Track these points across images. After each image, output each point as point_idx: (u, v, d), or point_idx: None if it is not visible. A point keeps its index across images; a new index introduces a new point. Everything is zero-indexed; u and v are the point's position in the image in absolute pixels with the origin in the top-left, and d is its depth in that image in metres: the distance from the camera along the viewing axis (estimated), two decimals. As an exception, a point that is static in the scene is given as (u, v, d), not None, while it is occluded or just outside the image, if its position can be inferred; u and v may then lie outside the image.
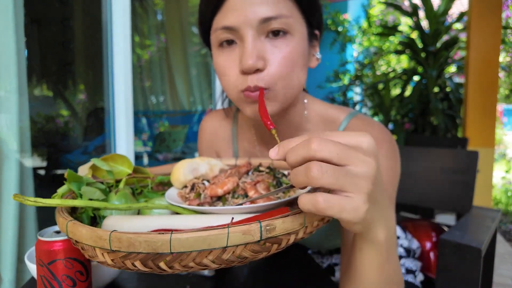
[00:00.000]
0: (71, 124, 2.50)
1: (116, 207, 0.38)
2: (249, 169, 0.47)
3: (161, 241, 0.27)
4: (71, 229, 0.32)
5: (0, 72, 0.97)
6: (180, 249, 0.28)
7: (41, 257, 0.44)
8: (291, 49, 0.46)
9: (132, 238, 0.28)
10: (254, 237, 0.29)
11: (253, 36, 0.45)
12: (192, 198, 0.42)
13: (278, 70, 0.46)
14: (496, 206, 3.34)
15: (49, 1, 2.24)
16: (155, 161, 2.98)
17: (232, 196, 0.41)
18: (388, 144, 0.52)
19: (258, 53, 0.45)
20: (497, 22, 2.54)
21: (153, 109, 3.44)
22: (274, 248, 0.31)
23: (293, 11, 0.46)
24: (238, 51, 0.47)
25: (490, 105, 2.59)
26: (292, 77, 0.47)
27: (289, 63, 0.46)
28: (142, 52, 3.17)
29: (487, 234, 0.76)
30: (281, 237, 0.30)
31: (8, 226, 0.98)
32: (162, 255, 0.28)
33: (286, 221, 0.30)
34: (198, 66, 3.15)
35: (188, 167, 0.46)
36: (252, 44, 0.44)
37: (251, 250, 0.29)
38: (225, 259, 0.29)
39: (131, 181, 0.49)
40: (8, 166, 0.99)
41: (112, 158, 0.48)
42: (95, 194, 0.42)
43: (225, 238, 0.28)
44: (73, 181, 0.43)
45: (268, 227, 0.29)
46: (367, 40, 4.57)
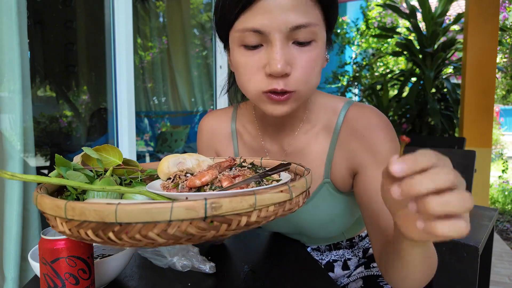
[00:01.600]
0: (74, 124, 2.50)
1: (90, 187, 0.39)
2: (232, 164, 0.48)
3: (108, 210, 0.28)
4: (39, 200, 0.34)
5: (4, 73, 0.97)
6: (125, 220, 0.28)
7: (44, 256, 0.44)
8: (315, 56, 0.48)
9: (84, 207, 0.29)
10: (199, 213, 0.29)
11: (282, 41, 0.46)
12: (170, 188, 0.43)
13: (303, 75, 0.48)
14: (493, 206, 3.36)
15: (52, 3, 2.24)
16: (157, 160, 2.97)
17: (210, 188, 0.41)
18: (388, 127, 0.56)
19: (286, 59, 0.46)
20: (494, 23, 2.56)
21: (155, 110, 3.45)
22: (224, 228, 0.30)
23: (319, 18, 0.48)
24: (263, 54, 0.48)
25: (487, 106, 2.61)
26: (313, 80, 0.50)
27: (312, 68, 0.49)
28: (144, 54, 3.18)
29: (484, 233, 0.77)
30: (230, 217, 0.30)
31: (11, 225, 0.98)
32: (110, 225, 0.29)
33: (234, 200, 0.30)
34: (199, 67, 3.16)
35: (173, 161, 0.47)
36: (281, 50, 0.46)
37: (197, 227, 0.29)
38: (171, 234, 0.29)
39: (121, 171, 0.50)
40: (12, 165, 1.00)
41: (104, 148, 0.49)
42: (80, 178, 0.43)
43: (168, 212, 0.28)
44: (61, 165, 0.44)
45: (213, 204, 0.29)
46: (365, 41, 4.59)
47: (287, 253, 0.69)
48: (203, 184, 0.41)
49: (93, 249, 0.49)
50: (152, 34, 3.17)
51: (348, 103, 0.59)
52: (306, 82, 0.49)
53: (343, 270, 0.75)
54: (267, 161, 0.54)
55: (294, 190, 0.35)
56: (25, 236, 1.05)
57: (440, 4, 3.11)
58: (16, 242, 0.99)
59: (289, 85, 0.48)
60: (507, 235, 2.68)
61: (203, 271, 0.60)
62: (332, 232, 0.68)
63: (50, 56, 2.31)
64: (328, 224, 0.65)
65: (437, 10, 3.12)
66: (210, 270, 0.60)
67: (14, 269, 0.99)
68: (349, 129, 0.57)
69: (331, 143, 0.59)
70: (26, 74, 1.03)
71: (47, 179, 0.38)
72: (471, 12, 2.58)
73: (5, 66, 0.97)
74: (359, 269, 0.74)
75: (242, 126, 0.69)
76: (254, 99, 0.52)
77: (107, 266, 0.54)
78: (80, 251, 0.45)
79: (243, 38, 0.48)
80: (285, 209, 0.34)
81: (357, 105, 0.59)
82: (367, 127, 0.55)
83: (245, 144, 0.68)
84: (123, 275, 0.61)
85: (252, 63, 0.49)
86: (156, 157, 3.04)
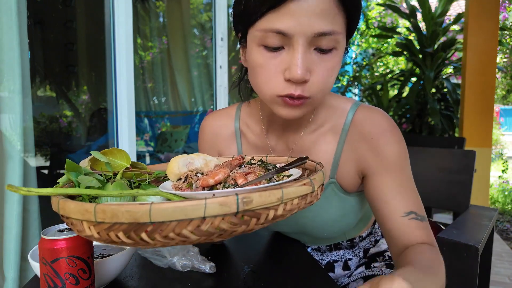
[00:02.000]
0: (74, 124, 2.51)
1: (108, 193, 0.39)
2: (241, 163, 0.48)
3: (142, 210, 0.28)
4: (62, 205, 0.33)
5: (3, 73, 0.97)
6: (159, 219, 0.28)
7: (44, 256, 0.44)
8: (335, 64, 0.49)
9: (115, 209, 0.29)
10: (231, 209, 0.29)
11: (305, 46, 0.45)
12: (184, 188, 0.44)
13: (322, 82, 0.48)
14: (493, 206, 3.36)
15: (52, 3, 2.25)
16: (157, 161, 2.98)
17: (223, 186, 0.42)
18: (396, 131, 0.57)
19: (307, 65, 0.46)
20: (494, 23, 2.56)
21: (155, 110, 3.45)
22: (253, 223, 0.31)
23: (343, 26, 0.47)
24: (285, 57, 0.47)
25: (487, 106, 2.61)
26: (329, 88, 0.51)
27: (331, 75, 0.49)
28: (144, 54, 3.18)
29: (484, 233, 0.77)
30: (259, 211, 0.31)
31: (11, 225, 0.98)
32: (143, 225, 0.29)
33: (263, 195, 0.31)
34: (199, 67, 3.17)
35: (182, 161, 0.48)
36: (303, 56, 0.45)
37: (229, 222, 0.30)
38: (204, 230, 0.29)
39: (129, 174, 0.50)
40: (12, 165, 1.00)
41: (111, 152, 0.49)
42: (92, 182, 0.43)
43: (202, 208, 0.29)
44: (71, 170, 0.44)
45: (245, 199, 0.30)
46: (366, 41, 4.60)
47: (287, 253, 0.69)
48: (216, 182, 0.42)
49: (93, 249, 0.49)
50: (152, 34, 3.18)
51: (356, 105, 0.60)
52: (322, 90, 0.50)
53: (344, 270, 0.75)
54: (272, 158, 0.54)
55: (315, 182, 0.36)
56: (25, 236, 1.05)
57: (440, 4, 3.11)
58: (16, 242, 0.99)
59: (306, 91, 0.48)
60: (507, 235, 2.68)
61: (203, 271, 0.60)
62: (335, 232, 0.68)
63: (50, 56, 2.31)
64: (331, 224, 0.65)
65: (437, 10, 3.12)
66: (210, 270, 0.60)
67: (14, 269, 0.99)
68: (357, 131, 0.58)
69: (338, 143, 0.59)
70: (26, 74, 1.03)
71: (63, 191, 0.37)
72: (471, 12, 2.58)
73: (5, 66, 0.97)
74: (360, 269, 0.74)
75: (246, 125, 0.68)
76: (268, 101, 0.52)
77: (107, 266, 0.54)
78: (80, 251, 0.45)
79: (264, 38, 0.47)
80: (306, 201, 0.36)
81: (365, 107, 0.59)
82: (376, 130, 0.56)
83: (249, 143, 0.68)
84: (123, 275, 0.61)
85: (271, 65, 0.48)
86: (156, 157, 3.04)
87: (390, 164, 0.55)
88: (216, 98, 2.27)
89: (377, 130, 0.56)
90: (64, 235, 0.45)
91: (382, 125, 0.56)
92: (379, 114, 0.58)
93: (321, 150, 0.60)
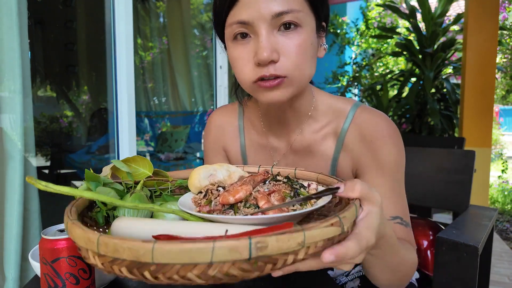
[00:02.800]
0: (74, 125, 2.52)
1: (123, 203, 0.38)
2: (265, 178, 0.46)
3: (144, 249, 0.26)
4: (70, 228, 0.32)
5: (4, 73, 0.98)
6: (162, 260, 0.26)
7: (44, 255, 0.44)
8: (302, 41, 0.49)
9: (117, 244, 0.27)
10: (242, 255, 0.26)
11: (267, 30, 0.48)
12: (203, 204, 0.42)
13: (292, 60, 0.49)
14: (493, 206, 3.37)
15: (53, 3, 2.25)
16: (157, 160, 2.99)
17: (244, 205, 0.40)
18: (396, 136, 0.57)
19: (272, 46, 0.48)
20: (494, 23, 2.56)
21: (155, 110, 3.46)
22: (269, 268, 0.28)
23: (303, 5, 0.49)
24: (252, 44, 0.50)
25: (486, 106, 2.62)
26: (305, 66, 0.51)
27: (302, 53, 0.50)
28: (144, 54, 3.19)
29: (484, 233, 0.77)
30: (276, 257, 0.28)
31: (12, 225, 0.99)
32: (146, 264, 0.27)
33: (280, 239, 0.27)
34: (199, 67, 3.17)
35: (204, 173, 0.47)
36: (266, 38, 0.48)
37: (240, 269, 0.27)
38: (212, 275, 0.27)
39: (151, 183, 0.50)
40: (12, 165, 1.00)
41: (133, 159, 0.49)
42: (109, 194, 0.42)
43: (209, 252, 0.26)
44: (90, 180, 0.43)
45: (259, 244, 0.26)
46: (365, 42, 4.60)
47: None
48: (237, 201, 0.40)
49: (94, 248, 0.49)
50: (152, 34, 3.18)
51: (356, 105, 0.61)
52: (297, 67, 0.50)
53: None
54: (302, 172, 0.52)
55: (345, 222, 0.31)
56: (26, 236, 1.06)
57: (440, 4, 3.11)
58: (16, 242, 0.99)
59: (278, 70, 0.49)
60: (506, 235, 2.69)
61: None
62: None
63: (51, 56, 2.31)
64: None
65: (437, 10, 3.12)
66: None
67: (14, 269, 1.00)
68: (357, 132, 0.59)
69: (338, 142, 0.60)
70: (27, 74, 1.04)
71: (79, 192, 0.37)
72: (471, 12, 2.59)
73: (5, 66, 0.97)
74: (358, 267, 0.74)
75: (249, 122, 0.70)
76: (249, 90, 0.54)
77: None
78: (80, 251, 0.46)
79: (233, 32, 0.51)
80: (334, 242, 0.32)
81: (366, 109, 0.60)
82: (376, 134, 0.57)
83: (251, 140, 0.69)
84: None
85: (242, 55, 0.51)
86: (156, 157, 3.04)
87: (385, 168, 0.56)
88: (216, 98, 2.27)
89: (377, 134, 0.57)
90: (65, 235, 0.45)
91: (383, 129, 0.57)
92: (381, 118, 0.58)
93: (321, 150, 0.61)
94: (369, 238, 0.33)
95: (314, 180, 0.50)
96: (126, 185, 0.48)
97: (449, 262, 0.70)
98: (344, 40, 4.51)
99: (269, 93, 0.51)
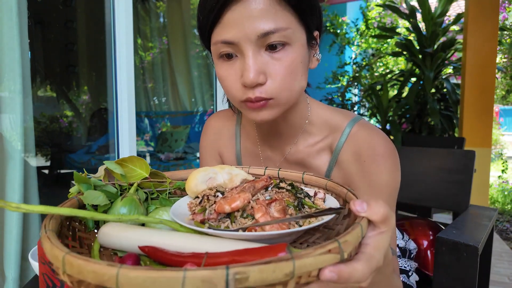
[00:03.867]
0: (74, 125, 2.52)
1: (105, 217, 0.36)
2: (267, 184, 0.42)
3: (108, 275, 0.24)
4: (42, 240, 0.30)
5: (4, 73, 0.98)
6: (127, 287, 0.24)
7: (43, 255, 0.44)
8: (291, 61, 0.47)
9: (81, 266, 0.25)
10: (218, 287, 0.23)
11: (253, 50, 0.46)
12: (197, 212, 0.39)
13: (280, 83, 0.47)
14: (493, 206, 3.37)
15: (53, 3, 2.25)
16: (157, 160, 2.99)
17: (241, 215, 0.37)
18: (393, 157, 0.54)
19: (258, 68, 0.46)
20: (494, 23, 2.56)
21: (155, 110, 3.46)
22: None
23: (291, 20, 0.46)
24: (238, 64, 0.48)
25: (486, 106, 2.62)
26: (294, 86, 0.49)
27: (290, 74, 0.47)
28: (144, 54, 3.19)
29: (484, 233, 0.77)
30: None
31: (12, 225, 0.99)
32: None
33: (264, 270, 0.23)
34: (199, 67, 3.17)
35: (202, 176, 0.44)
36: (253, 59, 0.45)
37: None
38: None
39: (147, 185, 0.48)
40: (12, 165, 1.00)
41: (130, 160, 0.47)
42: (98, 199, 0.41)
43: (179, 283, 0.23)
44: (81, 182, 0.42)
45: (237, 276, 0.23)
46: (365, 42, 4.60)
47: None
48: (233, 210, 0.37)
49: (94, 248, 0.48)
50: (152, 34, 3.18)
51: (354, 120, 0.58)
52: (285, 89, 0.48)
53: None
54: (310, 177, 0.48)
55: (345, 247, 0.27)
56: (26, 236, 1.06)
57: (440, 4, 3.11)
58: (16, 242, 0.99)
59: (264, 93, 0.47)
60: (506, 235, 2.69)
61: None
62: None
63: (51, 56, 2.31)
64: None
65: (437, 10, 3.12)
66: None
67: (14, 269, 1.00)
68: (351, 150, 0.56)
69: (332, 158, 0.58)
70: (27, 74, 1.04)
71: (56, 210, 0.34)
72: (471, 12, 2.59)
73: (5, 66, 0.97)
74: None
75: (245, 130, 0.69)
76: (238, 107, 0.53)
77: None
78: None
79: (218, 51, 0.48)
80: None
81: (364, 125, 0.57)
82: (371, 154, 0.54)
83: (246, 148, 0.68)
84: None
85: (230, 74, 0.49)
86: (156, 157, 3.04)
87: (376, 192, 0.53)
88: (216, 98, 2.27)
89: (371, 153, 0.54)
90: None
91: (377, 149, 0.54)
92: (377, 137, 0.55)
93: (315, 163, 0.60)
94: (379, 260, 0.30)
95: (323, 187, 0.46)
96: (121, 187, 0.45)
97: (449, 262, 0.70)
98: (344, 40, 4.51)
99: (257, 113, 0.50)
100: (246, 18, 0.44)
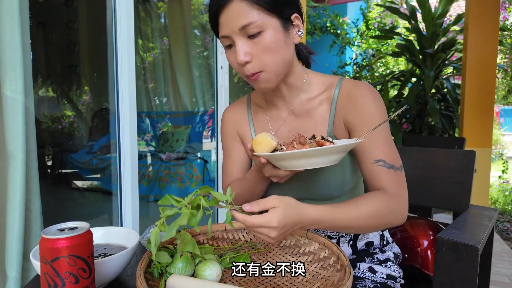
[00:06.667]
0: (76, 124, 2.52)
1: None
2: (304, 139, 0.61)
3: None
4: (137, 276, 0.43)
5: (6, 73, 0.98)
6: None
7: (44, 255, 0.45)
8: (267, 41, 0.63)
9: None
10: None
11: (240, 39, 0.63)
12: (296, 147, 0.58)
13: (261, 59, 0.64)
14: (493, 206, 3.37)
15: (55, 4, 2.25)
16: (158, 160, 2.99)
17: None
18: (375, 95, 0.70)
19: (245, 51, 0.63)
20: (494, 24, 2.57)
21: (156, 110, 3.46)
22: None
23: (260, 15, 0.62)
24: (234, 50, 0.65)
25: (487, 106, 2.62)
26: (277, 58, 0.64)
27: (269, 51, 0.63)
28: (145, 55, 3.19)
29: (484, 233, 0.77)
30: None
31: (13, 225, 0.99)
32: None
33: None
34: (200, 68, 3.18)
35: (270, 135, 0.60)
36: (240, 45, 0.63)
37: None
38: None
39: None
40: (14, 165, 1.00)
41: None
42: (165, 258, 0.55)
43: None
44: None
45: None
46: (366, 42, 4.60)
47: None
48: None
49: (93, 248, 0.49)
50: (153, 35, 3.19)
51: (341, 79, 0.74)
52: (268, 62, 0.64)
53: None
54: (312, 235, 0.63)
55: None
56: (27, 236, 1.06)
57: (440, 4, 3.12)
58: (18, 242, 0.99)
59: (253, 67, 0.64)
60: (507, 235, 2.69)
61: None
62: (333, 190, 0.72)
63: (52, 56, 2.32)
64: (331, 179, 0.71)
65: (437, 10, 3.12)
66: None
67: (16, 268, 1.00)
68: (345, 95, 0.71)
69: (332, 106, 0.73)
70: (28, 74, 1.04)
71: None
72: (471, 12, 2.59)
73: (7, 66, 0.97)
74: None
75: (255, 105, 0.83)
76: (246, 80, 0.69)
77: (108, 266, 0.55)
78: (80, 250, 0.46)
79: (223, 43, 0.67)
80: None
81: (350, 80, 0.74)
82: (359, 92, 0.70)
83: (258, 119, 0.81)
84: (124, 274, 0.61)
85: (231, 57, 0.67)
86: (157, 157, 3.05)
87: (369, 120, 0.67)
88: (217, 98, 2.27)
89: (360, 92, 0.70)
90: (64, 234, 0.45)
91: (363, 89, 0.70)
92: (362, 83, 0.72)
93: (319, 112, 0.74)
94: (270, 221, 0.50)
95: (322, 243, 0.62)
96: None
97: (449, 262, 0.70)
98: (345, 40, 4.52)
99: (257, 84, 0.67)
100: (230, 19, 0.62)
